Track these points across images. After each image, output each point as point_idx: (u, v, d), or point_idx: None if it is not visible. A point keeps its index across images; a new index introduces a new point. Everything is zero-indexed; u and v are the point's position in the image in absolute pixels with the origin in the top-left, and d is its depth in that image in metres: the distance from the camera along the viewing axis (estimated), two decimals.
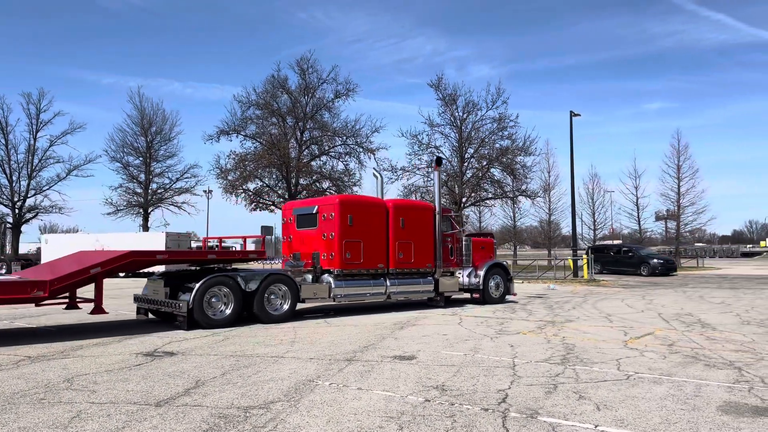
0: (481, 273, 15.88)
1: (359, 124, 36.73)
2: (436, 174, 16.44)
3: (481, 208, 44.55)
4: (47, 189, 45.08)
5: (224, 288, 11.24)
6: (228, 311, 11.23)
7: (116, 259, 10.53)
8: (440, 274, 15.05)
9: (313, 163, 37.09)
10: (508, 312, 13.89)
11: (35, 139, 44.82)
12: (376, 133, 36.59)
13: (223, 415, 5.16)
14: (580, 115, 31.60)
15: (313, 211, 13.86)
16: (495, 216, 56.63)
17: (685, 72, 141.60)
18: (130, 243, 29.56)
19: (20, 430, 4.73)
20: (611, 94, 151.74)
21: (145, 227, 44.26)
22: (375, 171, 18.43)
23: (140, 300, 12.12)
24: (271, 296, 11.97)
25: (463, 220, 16.87)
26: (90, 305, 10.96)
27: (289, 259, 14.02)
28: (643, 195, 53.89)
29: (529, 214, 61.73)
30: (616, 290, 21.58)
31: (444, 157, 33.13)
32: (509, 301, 16.61)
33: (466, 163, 34.91)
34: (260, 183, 36.32)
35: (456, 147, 34.93)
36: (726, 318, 12.58)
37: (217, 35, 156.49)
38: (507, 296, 16.68)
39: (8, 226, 46.03)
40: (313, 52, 59.23)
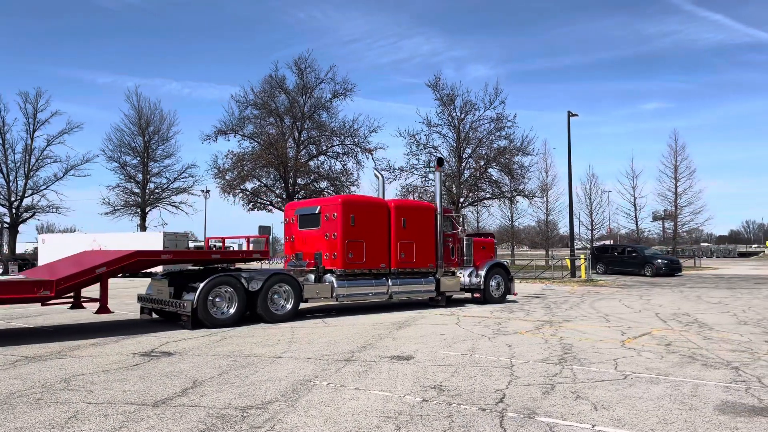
0: (482, 273, 15.93)
1: (357, 123, 36.85)
2: (438, 174, 16.43)
3: (478, 208, 44.63)
4: (44, 189, 45.17)
5: (228, 288, 11.26)
6: (232, 311, 11.25)
7: (122, 258, 10.58)
8: (442, 274, 15.07)
9: (311, 163, 37.10)
10: (506, 312, 13.91)
11: (32, 138, 44.87)
12: (373, 133, 36.70)
13: (220, 415, 5.16)
14: (577, 115, 31.67)
15: (315, 212, 13.87)
16: (492, 216, 56.79)
17: (681, 72, 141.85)
18: (128, 243, 29.51)
19: (17, 431, 4.72)
20: (608, 95, 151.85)
21: (143, 227, 44.23)
22: (377, 171, 18.40)
23: (144, 300, 12.12)
24: (274, 296, 11.99)
25: (463, 220, 16.87)
26: (94, 305, 11.05)
27: (291, 259, 14.02)
28: (641, 195, 54.06)
29: (527, 214, 62.09)
30: (614, 290, 21.61)
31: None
32: (510, 301, 16.64)
33: (463, 163, 34.98)
34: (258, 183, 36.34)
35: (454, 147, 34.98)
36: (723, 318, 12.61)
37: (215, 35, 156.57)
38: (508, 296, 16.72)
39: (5, 225, 45.93)
40: (311, 51, 59.58)
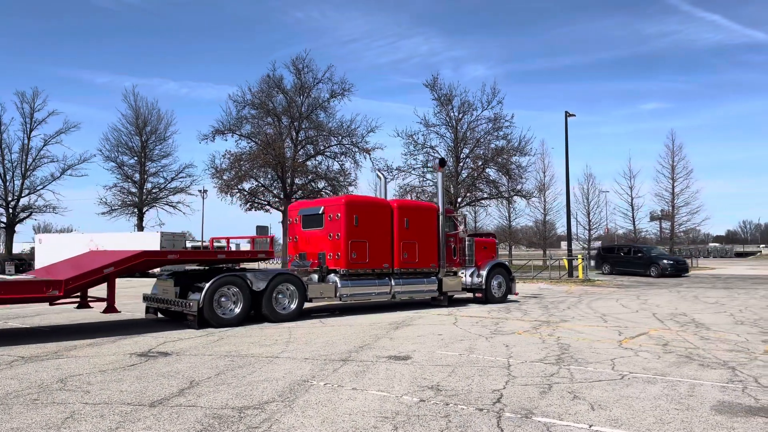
0: (484, 273, 16.00)
1: (355, 123, 36.82)
2: (440, 175, 16.45)
3: (476, 208, 44.64)
4: (41, 188, 45.03)
5: (233, 287, 11.29)
6: (237, 310, 11.27)
7: (129, 258, 10.61)
8: (444, 274, 15.11)
9: (309, 163, 37.08)
10: (504, 312, 13.92)
11: (29, 138, 44.75)
12: (371, 133, 36.81)
13: (217, 415, 5.15)
14: (575, 115, 31.76)
15: (319, 212, 13.93)
16: (490, 216, 56.75)
17: (679, 72, 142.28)
18: (125, 243, 29.45)
19: (13, 431, 4.71)
20: (607, 95, 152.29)
21: (140, 227, 44.17)
22: (379, 171, 18.39)
23: (150, 299, 12.14)
24: (279, 296, 12.01)
25: (462, 220, 16.92)
26: (100, 305, 11.15)
27: (295, 259, 14.11)
28: (638, 195, 53.80)
29: (525, 214, 61.92)
30: (611, 290, 21.65)
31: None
32: (511, 301, 16.68)
33: (461, 163, 34.98)
34: (255, 183, 36.30)
35: (451, 147, 35.00)
36: (720, 318, 12.64)
37: (213, 35, 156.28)
38: (509, 295, 16.78)
39: (2, 225, 45.81)
40: (309, 51, 59.23)
